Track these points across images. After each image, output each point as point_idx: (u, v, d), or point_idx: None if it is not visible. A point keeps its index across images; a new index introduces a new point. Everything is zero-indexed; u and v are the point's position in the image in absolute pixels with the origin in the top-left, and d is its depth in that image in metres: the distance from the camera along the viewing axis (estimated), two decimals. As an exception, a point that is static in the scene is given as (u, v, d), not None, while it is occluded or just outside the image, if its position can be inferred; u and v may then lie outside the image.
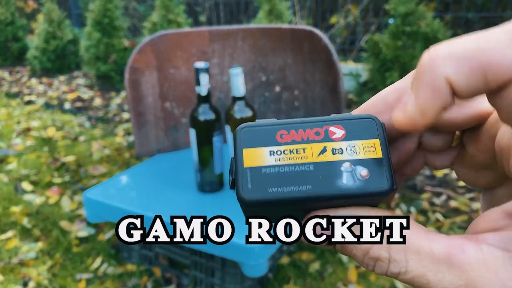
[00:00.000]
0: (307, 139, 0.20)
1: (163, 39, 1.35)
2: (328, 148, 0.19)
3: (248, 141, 0.20)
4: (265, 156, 0.20)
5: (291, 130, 0.20)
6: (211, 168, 1.14)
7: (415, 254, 0.17)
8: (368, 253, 0.18)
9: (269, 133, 0.20)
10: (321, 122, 0.20)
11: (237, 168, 0.20)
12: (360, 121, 0.20)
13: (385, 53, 2.16)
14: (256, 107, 1.44)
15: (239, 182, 0.19)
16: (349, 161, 0.19)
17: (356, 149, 0.19)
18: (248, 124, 0.20)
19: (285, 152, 0.20)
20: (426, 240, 0.17)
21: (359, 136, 0.20)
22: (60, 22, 3.85)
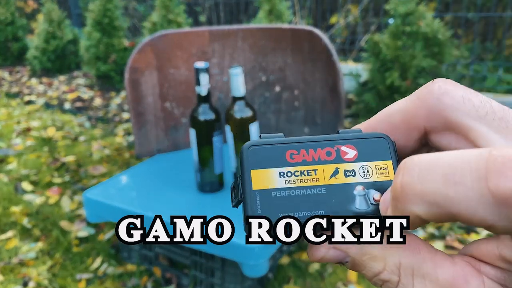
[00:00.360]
0: (318, 159, 0.19)
1: (163, 39, 1.35)
2: (340, 170, 0.19)
3: (256, 161, 0.19)
4: (275, 178, 0.19)
5: (301, 150, 0.19)
6: (211, 168, 1.14)
7: (421, 278, 0.17)
8: (379, 276, 0.19)
9: (278, 153, 0.19)
10: (332, 141, 0.19)
11: (245, 190, 0.19)
12: (372, 141, 0.19)
13: (385, 53, 2.16)
14: (256, 107, 1.44)
15: (248, 205, 0.18)
16: (362, 184, 0.19)
17: (369, 171, 0.19)
18: (256, 141, 0.19)
19: (295, 173, 0.19)
20: (433, 266, 0.18)
21: (372, 157, 0.19)
22: (60, 22, 3.85)
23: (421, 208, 0.15)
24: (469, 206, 0.14)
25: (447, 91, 0.18)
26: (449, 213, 0.15)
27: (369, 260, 0.19)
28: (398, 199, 0.16)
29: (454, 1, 2.96)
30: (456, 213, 0.14)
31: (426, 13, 2.14)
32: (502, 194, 0.13)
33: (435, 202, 0.15)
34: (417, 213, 0.16)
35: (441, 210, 0.15)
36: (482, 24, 3.04)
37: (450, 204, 0.14)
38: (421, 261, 0.18)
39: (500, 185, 0.13)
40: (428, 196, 0.15)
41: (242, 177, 0.19)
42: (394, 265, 0.18)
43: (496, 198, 0.13)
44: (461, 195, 0.14)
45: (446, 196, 0.14)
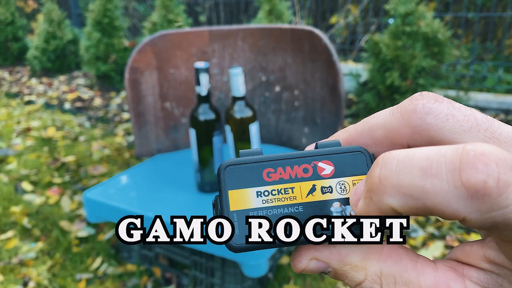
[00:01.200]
0: (295, 177, 0.19)
1: (163, 39, 1.35)
2: (317, 187, 0.19)
3: (233, 182, 0.19)
4: (251, 198, 0.19)
5: (278, 168, 0.19)
6: (211, 168, 1.14)
7: (404, 286, 0.18)
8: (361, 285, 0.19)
9: (255, 172, 0.19)
10: (309, 157, 0.19)
11: (223, 211, 0.19)
12: (349, 155, 0.19)
13: (385, 53, 2.16)
14: (256, 107, 1.44)
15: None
16: (338, 200, 0.19)
17: (346, 187, 0.19)
18: (232, 161, 0.19)
19: (273, 192, 0.19)
20: (415, 273, 0.18)
21: (349, 172, 0.19)
22: (60, 22, 3.85)
23: (397, 200, 0.15)
24: (443, 199, 0.14)
25: (431, 109, 0.18)
26: (424, 206, 0.15)
27: (350, 269, 0.19)
28: (374, 191, 0.16)
29: (454, 1, 2.96)
30: (430, 206, 0.15)
31: (426, 13, 2.14)
32: (474, 186, 0.14)
33: (411, 195, 0.15)
34: (392, 205, 0.16)
35: (417, 203, 0.15)
36: (482, 24, 3.04)
37: (426, 196, 0.15)
38: (403, 269, 0.18)
39: (472, 178, 0.14)
40: (405, 189, 0.15)
41: (220, 198, 0.19)
42: (375, 274, 0.18)
43: (468, 190, 0.14)
44: (436, 188, 0.14)
45: (422, 188, 0.15)
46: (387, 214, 0.16)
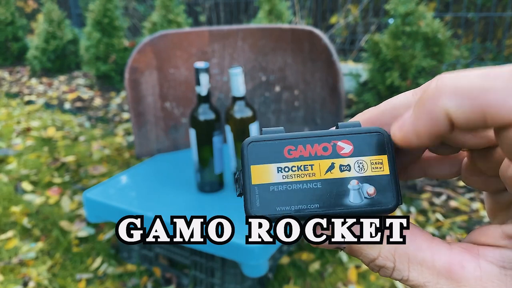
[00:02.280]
0: (315, 154, 0.20)
1: (163, 39, 1.35)
2: (336, 165, 0.19)
3: (256, 157, 0.20)
4: (273, 173, 0.20)
5: (299, 146, 0.20)
6: (211, 168, 1.14)
7: (418, 265, 0.18)
8: (375, 262, 0.19)
9: (276, 149, 0.20)
10: (329, 136, 0.20)
11: (245, 185, 0.20)
12: (368, 136, 0.20)
13: (385, 53, 2.16)
14: (256, 107, 1.44)
15: (247, 199, 0.19)
16: (356, 178, 0.19)
17: (364, 166, 0.19)
18: (255, 138, 0.20)
19: (293, 168, 0.19)
20: (429, 253, 0.18)
21: (367, 151, 0.19)
22: (60, 22, 3.85)
23: (454, 101, 0.15)
24: (501, 95, 0.14)
25: None
26: (480, 106, 0.15)
27: (365, 246, 0.19)
28: (428, 98, 0.16)
29: (454, 1, 2.96)
30: (486, 105, 0.15)
31: (426, 13, 2.14)
32: None
33: (469, 94, 0.15)
34: (447, 107, 0.16)
35: (473, 103, 0.15)
36: (482, 24, 3.04)
37: (483, 96, 0.15)
38: (417, 248, 0.18)
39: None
40: (463, 89, 0.15)
41: (243, 172, 0.20)
42: (389, 252, 0.19)
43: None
44: (495, 86, 0.15)
45: (481, 87, 0.15)
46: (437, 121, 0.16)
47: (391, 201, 0.19)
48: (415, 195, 1.70)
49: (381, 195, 0.19)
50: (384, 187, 0.19)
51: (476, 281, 0.17)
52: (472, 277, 0.17)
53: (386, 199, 0.19)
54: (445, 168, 0.22)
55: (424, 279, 0.18)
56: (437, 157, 0.22)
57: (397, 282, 1.25)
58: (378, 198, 0.19)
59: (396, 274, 0.19)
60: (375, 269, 0.19)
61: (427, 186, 1.76)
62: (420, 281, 0.18)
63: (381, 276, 0.19)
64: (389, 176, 0.19)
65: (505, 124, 0.15)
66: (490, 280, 0.17)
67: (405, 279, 0.18)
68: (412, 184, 1.78)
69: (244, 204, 0.19)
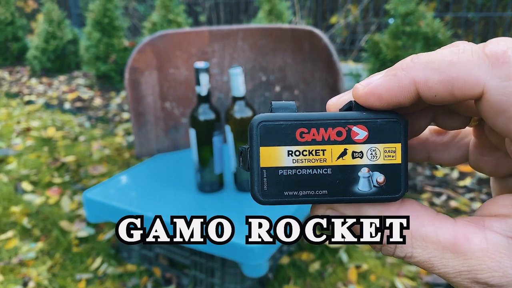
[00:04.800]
0: (328, 139, 0.19)
1: (163, 39, 1.35)
2: (348, 151, 0.19)
3: (266, 139, 0.19)
4: (283, 156, 0.19)
5: (312, 129, 0.19)
6: (211, 168, 1.14)
7: (421, 241, 0.18)
8: None
9: (288, 131, 0.19)
10: (343, 120, 0.19)
11: (252, 166, 0.19)
12: (385, 122, 0.19)
13: (385, 53, 2.16)
14: (256, 107, 1.44)
15: (255, 182, 0.19)
16: (367, 166, 0.19)
17: (377, 153, 0.19)
18: (266, 117, 0.19)
19: (304, 153, 0.19)
20: (433, 227, 0.18)
21: (382, 139, 0.19)
22: (60, 22, 3.85)
23: (424, 73, 0.17)
24: (467, 67, 0.16)
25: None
26: (449, 77, 0.16)
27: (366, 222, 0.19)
28: (402, 68, 0.17)
29: (454, 1, 2.96)
30: (455, 76, 0.16)
31: (426, 13, 2.14)
32: (495, 55, 0.15)
33: (439, 68, 0.16)
34: (417, 79, 0.17)
35: (442, 75, 0.16)
36: (482, 24, 3.04)
37: (452, 68, 0.16)
38: (420, 223, 0.18)
39: (493, 48, 0.16)
40: (434, 64, 0.16)
41: (251, 153, 0.19)
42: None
43: (489, 59, 0.16)
44: (462, 59, 0.16)
45: (450, 61, 0.16)
46: (403, 89, 0.17)
47: (399, 191, 0.19)
48: (415, 195, 1.70)
49: (390, 184, 0.19)
50: (394, 176, 0.19)
51: (483, 253, 0.17)
52: (478, 249, 0.17)
53: (394, 188, 0.19)
54: (450, 152, 0.22)
55: (429, 254, 0.17)
56: (442, 142, 0.22)
57: (397, 283, 1.25)
58: (387, 187, 0.19)
59: (398, 251, 0.18)
60: (377, 247, 0.19)
61: (427, 186, 1.76)
62: (425, 256, 0.18)
63: (384, 255, 0.19)
64: (400, 165, 0.19)
65: (471, 95, 0.16)
66: (497, 251, 0.16)
67: (409, 255, 0.18)
68: (412, 184, 1.78)
69: (250, 187, 0.19)
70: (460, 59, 0.16)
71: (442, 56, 0.16)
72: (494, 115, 0.16)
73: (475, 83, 0.16)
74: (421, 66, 0.17)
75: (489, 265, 0.16)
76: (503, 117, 0.16)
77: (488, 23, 2.96)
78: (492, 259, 0.16)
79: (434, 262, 0.17)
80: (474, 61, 0.16)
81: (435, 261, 0.17)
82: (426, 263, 0.18)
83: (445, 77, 0.16)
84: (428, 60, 0.17)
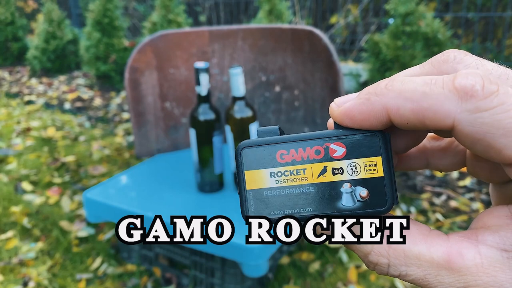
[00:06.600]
0: (307, 158, 0.19)
1: (163, 39, 1.35)
2: (328, 168, 0.19)
3: (249, 163, 0.20)
4: (266, 178, 0.20)
5: (291, 150, 0.20)
6: (211, 168, 1.14)
7: (415, 259, 0.18)
8: (367, 257, 0.19)
9: (269, 153, 0.20)
10: (321, 139, 0.19)
11: (240, 190, 0.20)
12: (362, 137, 0.19)
13: (385, 53, 2.16)
14: (256, 107, 1.44)
15: (243, 203, 0.20)
16: (349, 181, 0.19)
17: (357, 168, 0.19)
18: (248, 142, 0.20)
19: (285, 173, 0.20)
20: (426, 246, 0.18)
21: (360, 153, 0.19)
22: (60, 22, 3.85)
23: (397, 102, 0.17)
24: (438, 99, 0.16)
25: (462, 60, 0.19)
26: (420, 108, 0.17)
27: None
28: (376, 94, 0.18)
29: (454, 1, 2.96)
30: (426, 106, 0.17)
31: (426, 13, 2.14)
32: (463, 88, 0.16)
33: (411, 97, 0.17)
34: (389, 106, 0.17)
35: (414, 105, 0.17)
36: (482, 24, 3.04)
37: (424, 99, 0.17)
38: (412, 242, 0.18)
39: (462, 82, 0.16)
40: (407, 93, 0.17)
41: (238, 177, 0.20)
42: (383, 248, 0.18)
43: (459, 92, 0.16)
44: (434, 92, 0.17)
45: (422, 92, 0.17)
46: (374, 115, 0.18)
47: (385, 203, 0.19)
48: (415, 195, 1.70)
49: (375, 197, 0.19)
50: (377, 189, 0.19)
51: (477, 268, 0.16)
52: (472, 264, 0.17)
53: (380, 201, 0.19)
54: (448, 158, 0.22)
55: (424, 272, 0.17)
56: (440, 148, 0.22)
57: (397, 283, 1.25)
58: (372, 200, 0.19)
59: (392, 270, 0.18)
60: (371, 266, 0.19)
61: (427, 186, 1.76)
62: (419, 274, 0.17)
63: (378, 274, 0.19)
64: (383, 178, 0.19)
65: (442, 126, 0.16)
66: (491, 265, 0.16)
67: (403, 274, 0.18)
68: (412, 184, 1.78)
69: (240, 208, 0.20)
70: (431, 90, 0.17)
71: (415, 85, 0.17)
72: (471, 144, 0.17)
73: (445, 115, 0.16)
74: (394, 94, 0.17)
75: (485, 280, 0.16)
76: (480, 145, 0.16)
77: (488, 23, 2.96)
78: (487, 274, 0.16)
79: (429, 279, 0.17)
80: (445, 94, 0.16)
81: (430, 279, 0.17)
82: (421, 281, 0.18)
83: (417, 106, 0.17)
84: (401, 89, 0.17)
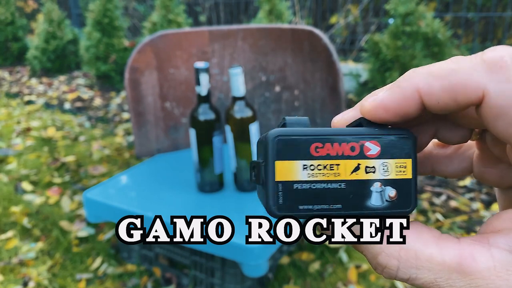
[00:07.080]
0: (342, 154, 0.19)
1: (163, 39, 1.35)
2: (361, 166, 0.19)
3: (281, 153, 0.19)
4: (298, 171, 0.19)
5: (326, 143, 0.19)
6: (211, 168, 1.14)
7: (426, 262, 0.17)
8: (377, 259, 0.18)
9: (303, 145, 0.19)
10: (357, 136, 0.19)
11: (268, 180, 0.19)
12: (396, 138, 0.19)
13: (385, 53, 2.16)
14: (256, 107, 1.44)
15: (270, 196, 0.19)
16: (380, 180, 0.19)
17: (389, 168, 0.19)
18: (282, 132, 0.19)
19: (318, 167, 0.19)
20: (437, 248, 0.17)
21: (393, 154, 0.19)
22: (60, 22, 3.85)
23: (427, 80, 0.17)
24: (467, 73, 0.17)
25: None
26: (450, 83, 0.17)
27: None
28: (404, 79, 0.18)
29: (454, 1, 2.96)
30: (455, 81, 0.17)
31: (426, 13, 2.14)
32: (492, 60, 0.16)
33: (440, 74, 0.17)
34: (420, 85, 0.17)
35: (444, 81, 0.17)
36: (482, 24, 3.04)
37: (453, 74, 0.17)
38: (424, 244, 0.18)
39: (491, 54, 0.17)
40: (436, 71, 0.17)
41: (266, 167, 0.19)
42: (393, 249, 0.18)
43: (488, 64, 0.16)
44: (462, 66, 0.17)
45: (451, 68, 0.17)
46: (409, 100, 0.18)
47: (410, 206, 0.19)
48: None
49: (401, 199, 0.19)
50: (405, 190, 0.19)
51: (490, 272, 0.16)
52: (485, 268, 0.16)
53: (406, 203, 0.19)
54: (454, 164, 0.22)
55: (435, 275, 0.17)
56: (445, 155, 0.22)
57: (397, 283, 1.25)
58: (398, 201, 0.19)
59: (401, 273, 0.18)
60: (379, 268, 0.18)
61: (427, 186, 1.76)
62: (430, 277, 0.17)
63: (386, 277, 0.19)
64: (411, 180, 0.19)
65: (472, 99, 0.16)
66: (504, 268, 0.16)
67: (413, 277, 0.17)
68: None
69: (265, 201, 0.19)
70: (459, 66, 0.17)
71: (441, 65, 0.17)
72: (494, 119, 0.16)
73: (475, 87, 0.16)
74: (422, 75, 0.17)
75: (497, 284, 0.16)
76: (503, 121, 0.16)
77: (488, 23, 2.96)
78: (500, 278, 0.16)
79: (440, 283, 0.17)
80: (473, 67, 0.16)
81: (441, 282, 0.17)
82: (431, 285, 0.17)
83: (447, 82, 0.17)
84: (429, 69, 0.17)
